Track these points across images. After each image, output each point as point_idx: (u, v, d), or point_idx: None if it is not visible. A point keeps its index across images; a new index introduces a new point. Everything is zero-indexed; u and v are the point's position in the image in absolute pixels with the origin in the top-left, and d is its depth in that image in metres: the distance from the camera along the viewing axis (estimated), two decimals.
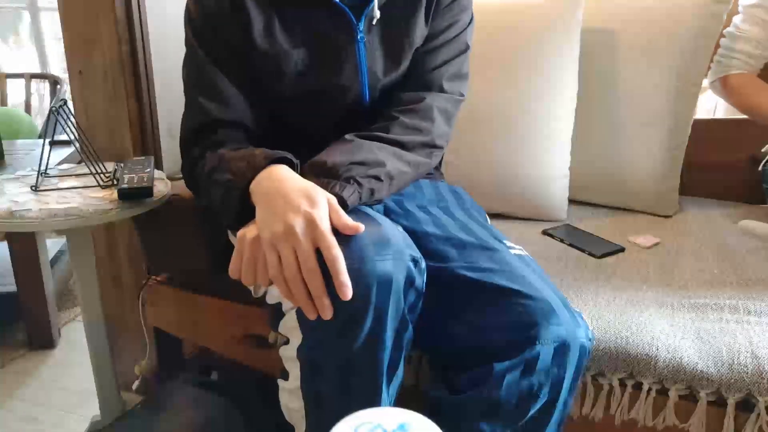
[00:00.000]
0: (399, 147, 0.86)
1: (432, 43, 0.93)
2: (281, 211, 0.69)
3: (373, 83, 0.92)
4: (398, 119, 0.88)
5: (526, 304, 0.77)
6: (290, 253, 0.68)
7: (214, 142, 0.88)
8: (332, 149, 0.82)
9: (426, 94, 0.91)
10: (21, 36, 3.77)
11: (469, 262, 0.83)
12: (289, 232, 0.68)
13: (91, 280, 1.06)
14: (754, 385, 0.80)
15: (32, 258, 1.62)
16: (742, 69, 1.31)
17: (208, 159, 0.85)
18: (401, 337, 0.73)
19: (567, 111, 1.30)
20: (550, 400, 0.76)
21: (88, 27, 1.13)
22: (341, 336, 0.69)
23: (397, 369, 0.75)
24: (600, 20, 1.34)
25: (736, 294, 0.98)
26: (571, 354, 0.76)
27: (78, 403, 1.48)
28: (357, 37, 0.88)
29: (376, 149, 0.83)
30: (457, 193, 1.05)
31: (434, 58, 0.93)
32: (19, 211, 0.89)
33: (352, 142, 0.83)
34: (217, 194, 0.80)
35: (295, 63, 0.88)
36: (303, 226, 0.68)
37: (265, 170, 0.76)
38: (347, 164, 0.78)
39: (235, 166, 0.79)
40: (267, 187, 0.74)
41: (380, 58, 0.91)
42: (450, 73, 0.94)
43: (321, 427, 0.75)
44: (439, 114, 0.91)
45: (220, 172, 0.80)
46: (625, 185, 1.36)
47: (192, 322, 1.14)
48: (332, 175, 0.77)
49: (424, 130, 0.89)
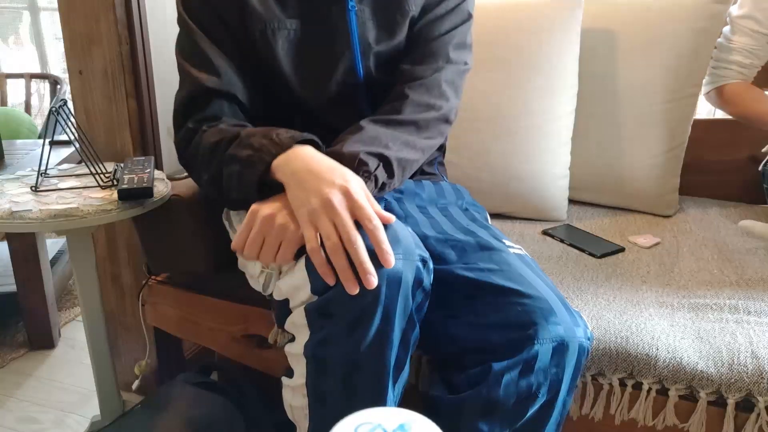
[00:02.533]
0: (414, 127, 0.87)
1: (433, 12, 0.93)
2: (315, 186, 0.70)
3: (365, 51, 0.92)
4: (409, 98, 0.88)
5: (525, 303, 0.77)
6: (329, 225, 0.68)
7: (210, 115, 0.87)
8: (347, 138, 0.82)
9: (433, 67, 0.92)
10: (21, 36, 3.77)
11: (468, 262, 0.83)
12: (327, 204, 0.68)
13: (91, 280, 1.06)
14: (754, 385, 0.80)
15: (32, 258, 1.62)
16: (737, 79, 1.32)
17: (209, 133, 0.84)
18: (408, 337, 0.73)
19: (567, 111, 1.30)
20: (548, 399, 0.76)
21: (88, 27, 1.13)
22: (350, 333, 0.69)
23: (403, 369, 0.75)
24: (600, 20, 1.34)
25: (736, 294, 0.98)
26: (569, 353, 0.76)
27: (78, 403, 1.48)
28: (348, 6, 0.89)
29: (390, 140, 0.83)
30: (459, 191, 1.05)
31: (438, 26, 0.93)
32: (19, 212, 0.89)
33: (364, 130, 0.83)
34: (233, 169, 0.78)
35: (288, 32, 0.89)
36: (340, 197, 0.69)
37: (291, 150, 0.76)
38: (363, 153, 0.79)
39: (257, 142, 0.77)
40: (297, 166, 0.74)
41: (373, 28, 0.91)
42: (455, 42, 0.94)
43: (324, 425, 0.75)
44: (448, 87, 0.92)
45: (238, 147, 0.79)
46: (625, 185, 1.36)
47: (192, 322, 1.14)
48: (348, 165, 0.77)
49: (436, 106, 0.90)
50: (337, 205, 0.68)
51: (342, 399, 0.73)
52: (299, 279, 0.74)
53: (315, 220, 0.69)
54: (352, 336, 0.70)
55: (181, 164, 0.91)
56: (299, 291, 0.75)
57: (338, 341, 0.71)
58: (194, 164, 0.88)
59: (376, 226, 0.68)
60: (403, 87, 0.90)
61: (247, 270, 0.93)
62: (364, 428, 0.37)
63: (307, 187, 0.71)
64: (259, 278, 0.88)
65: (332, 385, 0.73)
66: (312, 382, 0.75)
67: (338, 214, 0.68)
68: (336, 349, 0.71)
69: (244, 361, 1.10)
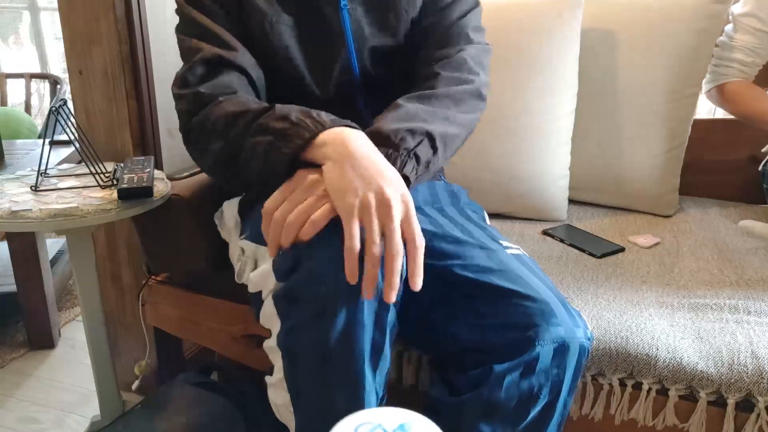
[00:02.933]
0: (449, 100, 0.85)
1: (438, 4, 0.93)
2: (373, 179, 0.65)
3: (360, 48, 0.91)
4: (440, 74, 0.87)
5: (525, 304, 0.77)
6: (377, 226, 0.63)
7: (225, 84, 0.82)
8: (385, 116, 0.79)
9: (456, 48, 0.91)
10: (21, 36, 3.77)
11: (466, 260, 0.82)
12: (384, 204, 0.63)
13: (91, 280, 1.06)
14: (754, 385, 0.80)
15: (32, 258, 1.62)
16: (738, 77, 1.32)
17: (227, 103, 0.79)
18: (382, 319, 0.69)
19: (567, 111, 1.30)
20: (550, 400, 0.76)
21: (88, 27, 1.13)
22: (317, 318, 0.67)
23: (382, 353, 0.71)
24: (600, 20, 1.34)
25: (736, 294, 0.98)
26: (570, 354, 0.76)
27: (78, 403, 1.48)
28: (340, 5, 0.89)
29: (429, 115, 0.80)
30: (453, 192, 1.05)
31: (448, 14, 0.93)
32: (19, 211, 0.89)
33: (402, 107, 0.81)
34: (261, 140, 0.72)
35: (286, 27, 0.88)
36: (399, 203, 0.65)
37: (334, 130, 0.70)
38: (404, 131, 0.76)
39: (295, 117, 0.72)
40: (348, 149, 0.67)
41: (366, 26, 0.91)
42: (472, 26, 0.94)
43: (307, 420, 0.73)
44: (475, 64, 0.91)
45: (271, 118, 0.73)
46: (625, 185, 1.36)
47: (192, 322, 1.14)
48: (390, 144, 0.74)
49: (468, 80, 0.89)
50: (394, 210, 0.64)
51: (317, 391, 0.70)
52: (266, 266, 0.73)
53: (365, 215, 0.63)
54: (319, 321, 0.67)
55: (181, 130, 0.86)
56: (266, 278, 0.73)
57: (306, 327, 0.68)
58: (202, 131, 0.81)
59: (418, 248, 0.65)
60: (430, 67, 0.89)
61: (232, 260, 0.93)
62: (364, 428, 0.37)
63: (364, 175, 0.65)
64: (236, 266, 0.88)
65: (306, 377, 0.71)
66: (289, 376, 0.73)
67: (392, 220, 0.63)
68: (305, 337, 0.69)
69: (244, 361, 1.10)
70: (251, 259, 0.87)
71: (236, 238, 0.94)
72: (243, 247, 0.89)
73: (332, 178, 0.66)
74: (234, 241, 0.96)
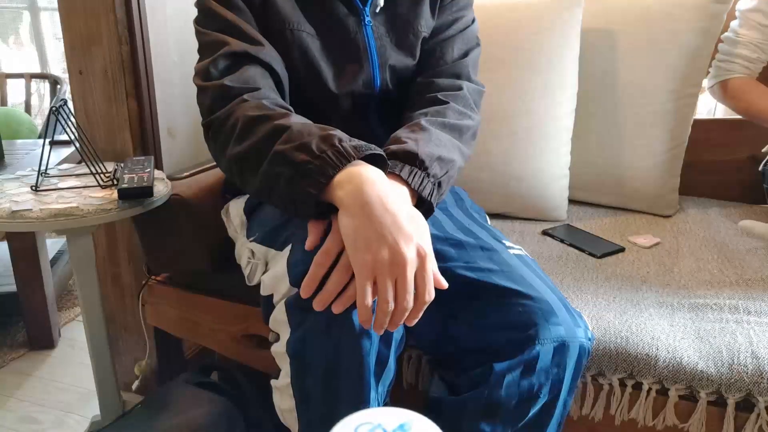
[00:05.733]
0: (458, 133, 0.86)
1: (446, 33, 0.96)
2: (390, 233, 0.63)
3: (383, 65, 0.92)
4: (449, 104, 0.89)
5: (526, 304, 0.77)
6: (391, 285, 0.63)
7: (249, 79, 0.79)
8: (417, 137, 0.79)
9: (458, 83, 0.93)
10: (21, 36, 3.77)
11: (468, 261, 0.83)
12: (398, 263, 0.63)
13: (91, 280, 1.06)
14: (754, 385, 0.80)
15: (32, 258, 1.62)
16: (742, 73, 1.31)
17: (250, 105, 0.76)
18: (389, 333, 0.71)
19: (567, 111, 1.30)
20: (550, 400, 0.76)
21: (88, 27, 1.13)
22: (327, 329, 0.68)
23: (386, 366, 0.73)
24: (600, 20, 1.34)
25: (736, 294, 0.98)
26: (570, 354, 0.76)
27: (78, 403, 1.48)
28: (365, 21, 0.90)
29: (450, 145, 0.83)
30: (457, 194, 1.06)
31: (451, 47, 0.95)
32: (19, 211, 0.89)
33: (430, 132, 0.81)
34: (282, 171, 0.69)
35: (307, 35, 0.88)
36: (414, 259, 0.64)
37: (355, 165, 0.67)
38: (434, 159, 0.77)
39: (316, 146, 0.68)
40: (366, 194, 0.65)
41: (388, 44, 0.93)
42: (472, 64, 0.97)
43: (312, 427, 0.74)
44: (473, 103, 0.93)
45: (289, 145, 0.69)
46: (625, 185, 1.36)
47: (192, 322, 1.14)
48: (422, 167, 0.75)
49: (471, 116, 0.91)
50: (408, 268, 0.63)
51: (324, 400, 0.71)
52: (280, 269, 0.73)
53: (378, 273, 0.63)
54: (330, 331, 0.68)
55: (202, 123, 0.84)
56: (279, 282, 0.74)
57: (317, 336, 0.69)
58: (221, 130, 0.79)
59: (426, 302, 0.66)
60: (435, 95, 0.90)
61: (241, 262, 0.94)
62: (364, 428, 0.37)
63: (379, 230, 0.63)
64: (246, 269, 0.88)
65: (314, 386, 0.72)
66: (296, 382, 0.74)
67: (406, 278, 0.63)
68: (315, 346, 0.70)
69: (244, 361, 1.10)
70: (262, 261, 0.87)
71: (243, 238, 0.94)
72: (253, 250, 0.89)
73: (346, 229, 0.65)
74: (241, 241, 0.96)
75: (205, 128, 0.83)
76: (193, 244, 1.08)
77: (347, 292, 0.67)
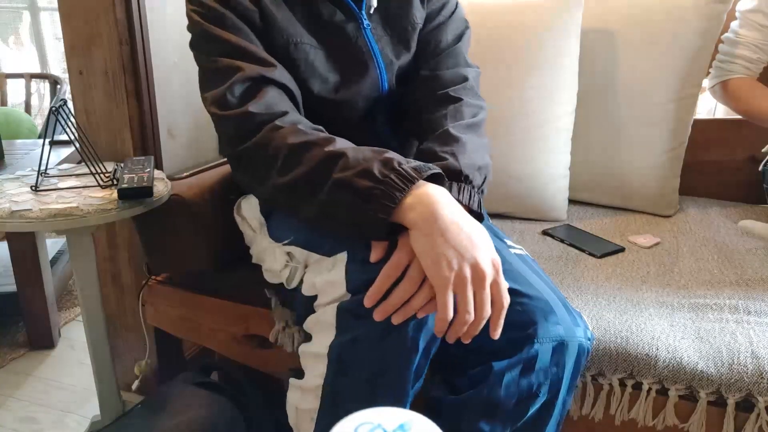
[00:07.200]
0: (481, 130, 0.89)
1: (436, 20, 0.96)
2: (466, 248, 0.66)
3: (389, 66, 0.93)
4: (463, 101, 0.90)
5: (525, 303, 0.77)
6: (471, 297, 0.66)
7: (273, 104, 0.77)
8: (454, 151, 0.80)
9: (461, 72, 0.94)
10: (21, 36, 3.77)
11: None
12: (478, 276, 0.66)
13: (91, 280, 1.06)
14: (754, 385, 0.80)
15: (32, 258, 1.62)
16: (742, 74, 1.31)
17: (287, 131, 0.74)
18: (430, 347, 0.73)
19: (567, 111, 1.30)
20: (549, 399, 0.76)
21: (88, 27, 1.13)
22: (383, 337, 0.70)
23: (421, 377, 0.75)
24: (600, 20, 1.34)
25: (736, 294, 0.98)
26: (569, 353, 0.76)
27: (78, 403, 1.48)
28: (363, 25, 0.90)
29: (481, 148, 0.84)
30: None
31: (444, 34, 0.96)
32: (19, 211, 0.89)
33: (464, 142, 0.83)
34: (343, 198, 0.69)
35: (310, 48, 0.86)
36: (492, 271, 0.67)
37: (419, 187, 0.68)
38: (475, 169, 0.80)
39: (378, 171, 0.68)
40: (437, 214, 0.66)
41: (389, 43, 0.93)
42: (466, 47, 0.98)
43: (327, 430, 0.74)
44: (477, 89, 0.95)
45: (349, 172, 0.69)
46: (625, 185, 1.36)
47: (192, 322, 1.14)
48: (465, 180, 0.78)
49: (482, 106, 0.93)
50: (488, 280, 0.66)
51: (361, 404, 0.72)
52: (336, 275, 0.73)
53: (459, 288, 0.65)
54: (384, 340, 0.70)
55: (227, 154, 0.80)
56: (334, 287, 0.74)
57: (369, 344, 0.70)
58: (261, 160, 0.76)
59: (503, 308, 0.68)
60: (446, 92, 0.91)
61: (265, 263, 0.92)
62: (364, 428, 0.37)
63: (457, 246, 0.65)
64: (282, 272, 0.87)
65: (352, 388, 0.73)
66: (331, 386, 0.74)
67: (485, 289, 0.66)
68: (365, 351, 0.71)
69: (244, 361, 1.10)
70: (302, 264, 0.85)
71: (267, 239, 0.92)
72: (292, 253, 0.86)
73: (423, 247, 0.66)
74: (265, 242, 0.92)
75: (234, 159, 0.81)
76: (193, 244, 1.08)
77: (411, 304, 0.68)
